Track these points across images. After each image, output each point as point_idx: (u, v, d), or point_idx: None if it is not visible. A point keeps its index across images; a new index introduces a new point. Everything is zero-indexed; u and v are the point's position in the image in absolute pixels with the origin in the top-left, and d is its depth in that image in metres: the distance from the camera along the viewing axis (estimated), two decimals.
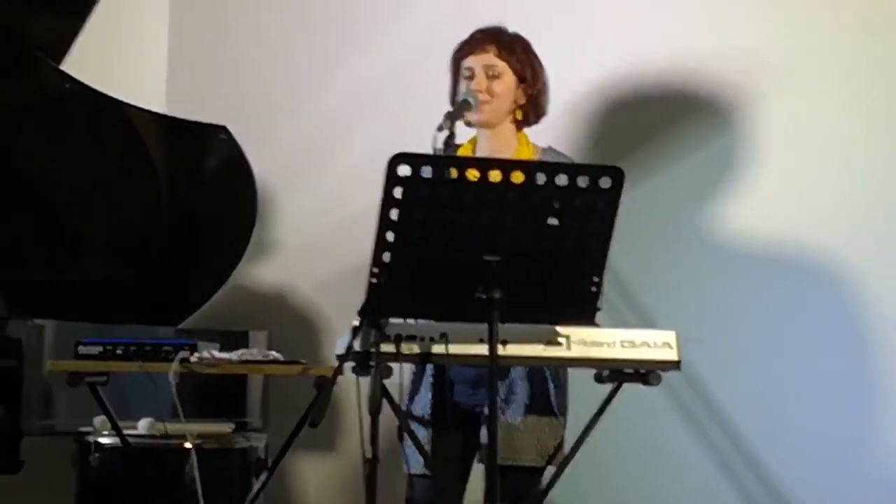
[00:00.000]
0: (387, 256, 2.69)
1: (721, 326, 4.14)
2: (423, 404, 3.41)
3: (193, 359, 3.52)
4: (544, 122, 3.58)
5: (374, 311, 2.79)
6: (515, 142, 3.54)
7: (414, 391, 3.45)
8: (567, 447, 3.29)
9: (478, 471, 3.30)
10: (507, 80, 3.50)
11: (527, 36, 3.55)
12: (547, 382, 3.36)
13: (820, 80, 4.18)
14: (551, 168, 2.75)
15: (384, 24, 4.76)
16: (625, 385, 3.12)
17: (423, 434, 3.37)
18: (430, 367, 3.39)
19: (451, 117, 3.21)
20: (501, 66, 3.50)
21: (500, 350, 2.75)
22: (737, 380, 4.16)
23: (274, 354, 3.73)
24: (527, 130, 3.56)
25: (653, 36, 4.34)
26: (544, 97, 3.58)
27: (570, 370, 3.39)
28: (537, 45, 3.54)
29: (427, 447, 3.33)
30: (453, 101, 3.46)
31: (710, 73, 4.28)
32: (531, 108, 3.55)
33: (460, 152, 3.50)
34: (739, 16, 4.28)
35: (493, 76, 3.48)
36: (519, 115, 3.53)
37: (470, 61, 3.51)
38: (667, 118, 4.35)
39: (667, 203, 4.30)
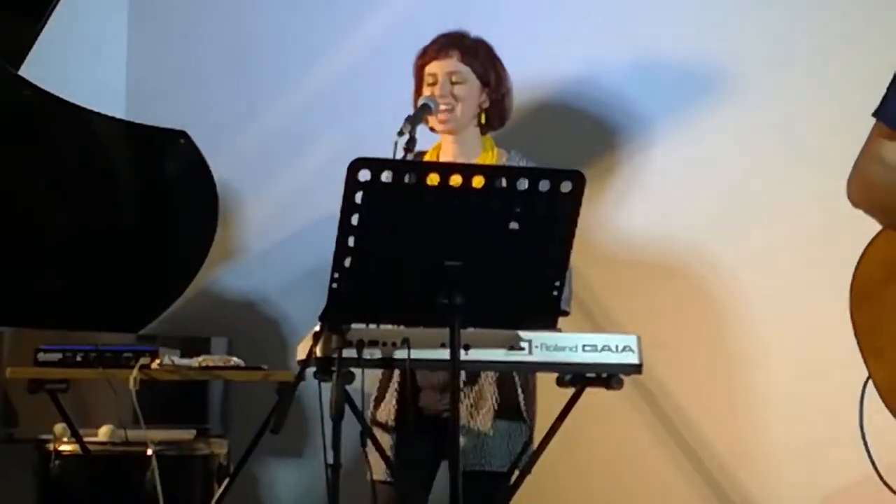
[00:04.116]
0: (348, 261, 2.68)
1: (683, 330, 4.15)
2: (387, 410, 3.41)
3: (154, 365, 3.50)
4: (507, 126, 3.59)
5: (335, 317, 2.78)
6: (480, 146, 3.55)
7: (380, 397, 3.44)
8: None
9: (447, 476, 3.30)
10: (471, 85, 3.51)
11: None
12: (516, 388, 3.37)
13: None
14: (512, 172, 2.75)
15: (342, 29, 4.75)
16: (590, 389, 3.13)
17: (387, 440, 3.37)
18: (396, 373, 3.39)
19: (412, 121, 3.20)
20: (465, 71, 3.50)
21: (463, 355, 2.75)
22: (700, 383, 4.16)
23: (235, 360, 3.71)
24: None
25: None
26: (508, 101, 3.59)
27: (537, 375, 3.40)
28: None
29: (391, 453, 3.33)
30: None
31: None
32: (495, 113, 3.56)
33: (425, 158, 3.52)
34: None
35: (456, 82, 3.48)
36: (483, 120, 3.54)
37: (433, 67, 3.51)
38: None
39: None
